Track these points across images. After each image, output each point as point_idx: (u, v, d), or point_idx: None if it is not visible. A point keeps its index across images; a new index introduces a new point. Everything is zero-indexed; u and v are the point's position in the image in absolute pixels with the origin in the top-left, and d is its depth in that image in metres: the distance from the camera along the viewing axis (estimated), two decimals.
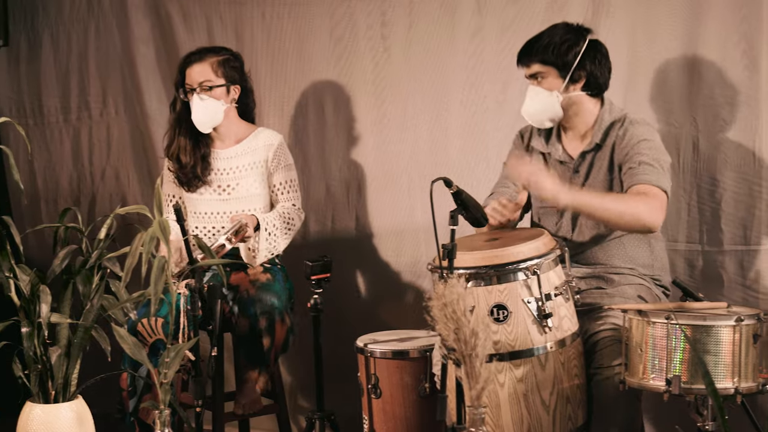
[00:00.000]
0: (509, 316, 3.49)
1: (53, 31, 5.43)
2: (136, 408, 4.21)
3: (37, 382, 3.55)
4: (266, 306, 4.24)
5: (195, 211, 4.50)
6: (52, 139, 5.51)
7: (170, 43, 5.12)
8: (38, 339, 3.52)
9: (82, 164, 5.45)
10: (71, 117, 5.45)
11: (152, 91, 5.19)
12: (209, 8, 5.03)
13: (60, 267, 3.58)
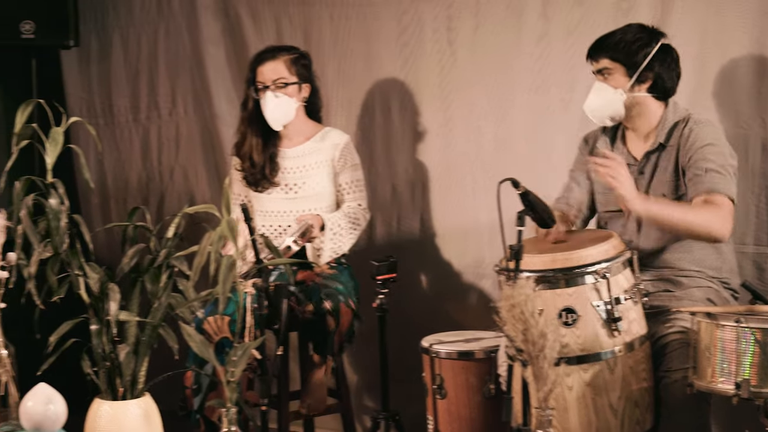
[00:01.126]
0: (578, 320, 3.46)
1: (123, 31, 5.48)
2: (202, 405, 4.23)
3: (106, 379, 3.57)
4: (331, 290, 4.25)
5: (261, 210, 4.53)
6: (122, 138, 5.56)
7: (239, 43, 5.15)
8: (107, 336, 3.54)
9: (151, 163, 5.50)
10: (141, 116, 5.50)
11: (221, 91, 5.22)
12: (278, 9, 5.05)
13: (128, 265, 3.61)
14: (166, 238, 3.64)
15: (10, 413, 3.61)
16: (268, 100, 4.42)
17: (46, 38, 5.32)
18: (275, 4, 5.06)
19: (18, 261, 3.52)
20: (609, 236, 3.64)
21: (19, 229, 3.47)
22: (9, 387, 3.60)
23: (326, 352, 4.33)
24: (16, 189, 3.46)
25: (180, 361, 3.69)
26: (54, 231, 3.49)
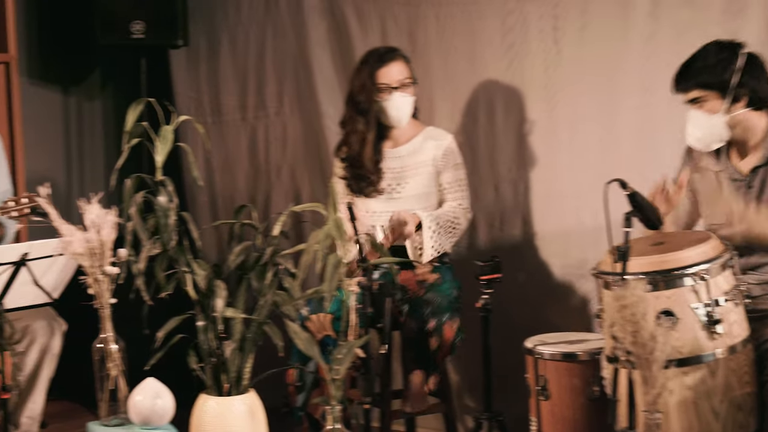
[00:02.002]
0: (677, 323, 3.42)
1: (232, 31, 5.55)
2: (305, 403, 4.26)
3: (212, 375, 3.61)
4: (435, 308, 4.25)
5: (364, 209, 4.54)
6: (230, 137, 5.62)
7: (345, 43, 5.17)
8: (213, 333, 3.59)
9: (258, 162, 5.55)
10: (248, 115, 5.56)
11: (326, 91, 5.25)
12: (383, 9, 5.06)
13: (235, 263, 3.65)
14: (272, 236, 3.67)
15: (119, 407, 3.67)
16: (396, 100, 4.44)
17: (156, 38, 5.41)
18: (380, 5, 5.07)
19: (128, 257, 3.58)
20: (707, 237, 3.58)
21: (129, 226, 3.53)
22: (118, 381, 3.66)
23: (429, 370, 4.34)
24: (126, 186, 3.52)
25: (284, 358, 3.72)
26: (163, 228, 3.54)
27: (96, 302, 3.65)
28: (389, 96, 4.44)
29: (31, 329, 4.25)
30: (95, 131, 6.09)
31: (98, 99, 6.08)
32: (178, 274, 3.60)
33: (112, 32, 5.38)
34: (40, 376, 4.30)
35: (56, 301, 4.05)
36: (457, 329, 4.28)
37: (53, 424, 5.03)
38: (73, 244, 3.57)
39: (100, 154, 6.12)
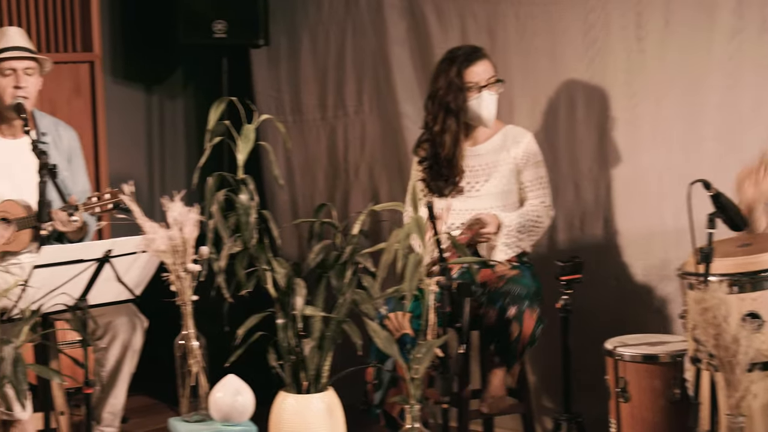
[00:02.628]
0: (763, 325, 3.37)
1: (312, 30, 5.57)
2: (382, 401, 4.27)
3: (291, 372, 3.63)
4: (515, 295, 4.23)
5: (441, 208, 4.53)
6: (310, 136, 5.65)
7: (424, 42, 5.17)
8: (292, 331, 3.60)
9: (338, 161, 5.57)
10: (328, 114, 5.58)
11: (405, 90, 5.25)
12: (463, 8, 5.05)
13: (314, 261, 3.66)
14: (351, 235, 3.68)
15: (200, 403, 3.70)
16: (486, 98, 4.43)
17: (238, 37, 5.45)
18: (460, 3, 5.06)
19: (209, 255, 3.61)
20: None
21: (211, 224, 3.56)
22: (199, 378, 3.70)
23: (509, 359, 4.32)
24: (208, 185, 3.55)
25: (362, 356, 3.73)
26: (244, 226, 3.57)
27: (178, 299, 3.69)
28: (478, 94, 4.43)
29: (114, 325, 4.30)
30: (177, 129, 6.15)
31: (180, 98, 6.14)
32: (258, 272, 3.63)
33: (194, 32, 5.43)
34: (122, 371, 4.34)
35: (138, 297, 4.09)
36: (537, 318, 4.25)
37: (134, 420, 5.09)
38: (156, 241, 3.61)
39: (181, 152, 6.18)
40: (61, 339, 4.61)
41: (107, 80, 5.71)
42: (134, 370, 4.39)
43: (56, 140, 4.63)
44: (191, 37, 5.46)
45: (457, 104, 4.44)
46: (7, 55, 4.42)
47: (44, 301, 3.77)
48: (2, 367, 3.46)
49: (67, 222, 4.29)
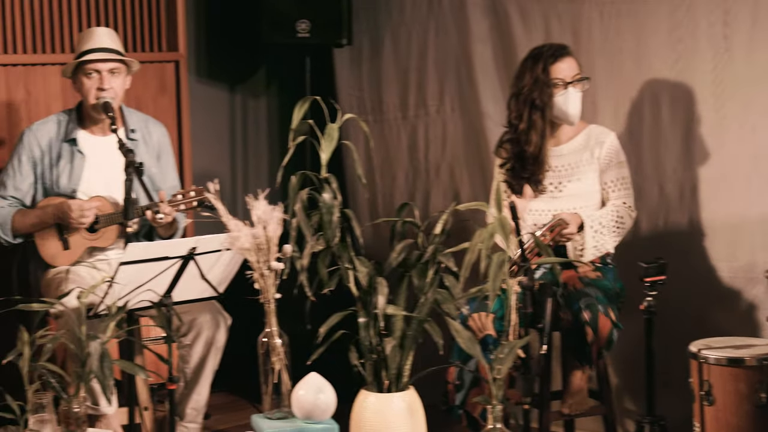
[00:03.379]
0: None
1: (395, 30, 5.58)
2: (464, 401, 4.27)
3: (372, 371, 3.64)
4: (590, 299, 4.20)
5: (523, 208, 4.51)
6: (390, 135, 5.66)
7: (507, 41, 5.15)
8: (374, 329, 3.61)
9: (418, 160, 5.57)
10: (409, 114, 5.58)
11: (488, 90, 5.23)
12: (547, 7, 5.02)
13: (396, 260, 3.66)
14: (433, 235, 3.67)
15: (282, 401, 3.72)
16: (572, 95, 4.40)
17: (321, 37, 5.47)
18: (544, 3, 5.03)
19: (292, 253, 3.63)
20: None
21: (294, 222, 3.58)
22: (282, 375, 3.72)
23: (584, 362, 4.29)
24: (291, 183, 3.57)
25: (444, 356, 3.73)
26: (326, 225, 3.58)
27: (261, 297, 3.71)
28: (564, 91, 4.41)
29: (197, 322, 4.34)
30: (260, 128, 6.20)
31: (263, 97, 6.19)
32: (340, 271, 3.64)
33: (278, 31, 5.47)
34: (205, 368, 4.39)
35: (222, 295, 4.13)
36: (613, 322, 4.21)
37: (216, 416, 5.14)
38: (240, 239, 3.64)
39: (263, 151, 6.23)
40: (145, 335, 4.67)
41: (192, 79, 5.77)
42: (217, 367, 4.44)
43: (146, 137, 4.69)
44: (275, 36, 5.49)
45: (542, 100, 4.42)
46: (89, 57, 4.49)
47: (130, 297, 3.82)
48: (89, 362, 3.52)
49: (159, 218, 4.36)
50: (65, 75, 4.57)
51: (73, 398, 3.55)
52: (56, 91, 5.18)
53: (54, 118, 4.66)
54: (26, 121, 5.02)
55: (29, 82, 5.11)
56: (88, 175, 4.59)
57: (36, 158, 4.59)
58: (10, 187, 4.57)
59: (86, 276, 4.41)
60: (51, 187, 4.57)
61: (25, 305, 3.66)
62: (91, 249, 4.56)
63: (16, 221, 4.51)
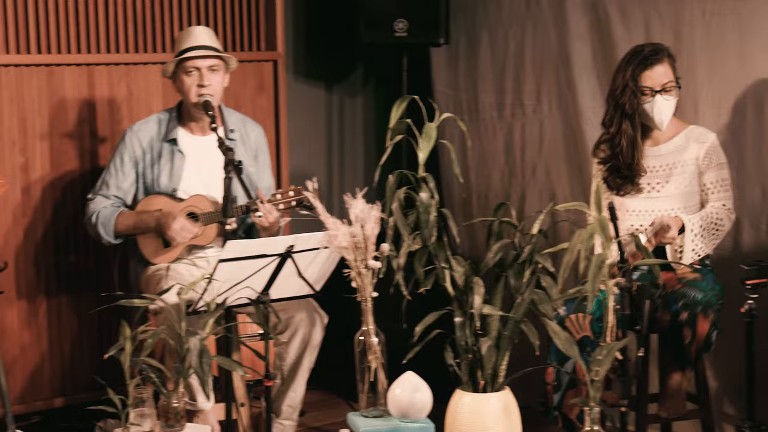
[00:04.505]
0: None
1: (492, 29, 5.57)
2: (560, 402, 4.24)
3: (467, 371, 3.63)
4: (689, 299, 4.15)
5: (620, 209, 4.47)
6: (486, 134, 5.64)
7: (606, 40, 5.10)
8: (470, 329, 3.61)
9: (514, 160, 5.55)
10: (505, 113, 5.56)
11: (586, 89, 5.19)
12: (648, 5, 4.96)
13: (493, 260, 3.65)
14: (530, 235, 3.66)
15: (378, 399, 3.74)
16: (659, 104, 4.35)
17: (418, 36, 5.48)
18: (645, 1, 4.97)
19: (389, 252, 3.64)
20: None
21: (391, 221, 3.59)
22: (378, 374, 3.73)
23: (683, 363, 4.24)
24: (389, 182, 3.58)
25: (539, 357, 3.71)
26: (423, 224, 3.58)
27: (358, 295, 3.73)
28: (651, 99, 4.36)
29: (294, 320, 4.37)
30: (356, 127, 6.22)
31: (360, 96, 6.21)
32: (436, 270, 3.64)
33: (375, 30, 5.48)
34: (302, 366, 4.42)
35: (318, 293, 4.15)
36: (711, 323, 4.16)
37: (311, 413, 5.17)
38: (338, 237, 3.66)
39: (359, 150, 6.25)
40: (241, 332, 4.72)
41: (289, 78, 5.81)
42: (313, 365, 4.46)
43: (243, 137, 4.74)
44: (372, 35, 5.51)
45: (631, 107, 4.38)
46: (189, 55, 4.55)
47: (228, 294, 3.86)
48: (188, 358, 3.56)
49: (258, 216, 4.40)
50: (165, 74, 4.63)
51: (172, 393, 3.60)
52: (157, 89, 5.25)
53: (155, 118, 4.72)
54: (128, 120, 5.11)
55: (131, 81, 5.20)
56: (187, 174, 4.65)
57: (137, 157, 4.66)
58: (113, 186, 4.64)
59: (185, 273, 4.46)
60: (152, 186, 4.64)
61: (126, 301, 3.72)
62: (190, 246, 4.61)
63: (119, 223, 4.59)
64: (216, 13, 5.42)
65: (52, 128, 5.01)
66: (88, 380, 5.13)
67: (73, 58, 5.04)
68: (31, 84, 4.95)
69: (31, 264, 4.99)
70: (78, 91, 5.07)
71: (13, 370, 4.96)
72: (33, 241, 4.99)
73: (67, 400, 5.13)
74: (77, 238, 5.08)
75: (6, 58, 4.86)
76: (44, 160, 5.00)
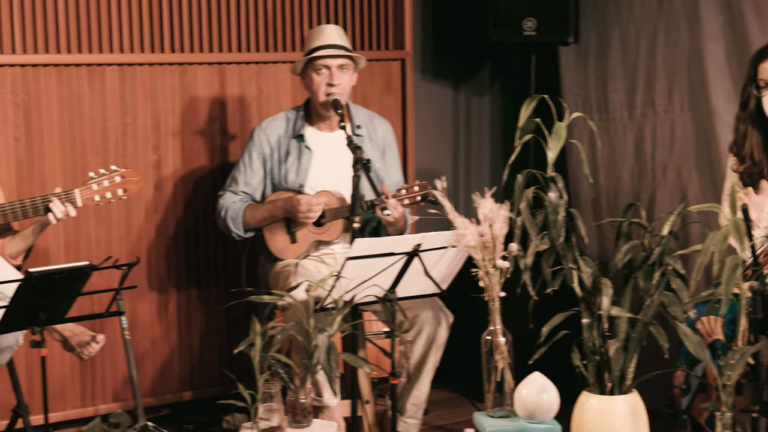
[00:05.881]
0: None
1: (623, 27, 5.50)
2: (690, 406, 4.17)
3: (594, 373, 3.60)
4: None
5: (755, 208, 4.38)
6: (616, 134, 5.58)
7: (741, 40, 5.00)
8: (597, 331, 3.57)
9: (644, 160, 5.48)
10: (636, 113, 5.49)
11: (719, 89, 5.09)
12: None
13: (622, 261, 3.62)
14: (660, 236, 3.61)
15: (504, 399, 3.73)
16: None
17: (547, 35, 5.44)
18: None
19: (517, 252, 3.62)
20: None
21: (519, 221, 3.58)
22: (505, 374, 3.72)
23: None
24: (517, 182, 3.56)
25: (668, 360, 3.65)
26: (551, 224, 3.56)
27: (485, 295, 3.72)
28: (765, 92, 4.26)
29: (420, 319, 4.38)
30: (482, 127, 6.21)
31: (487, 95, 6.20)
32: (564, 271, 3.62)
33: (504, 29, 5.46)
34: (427, 365, 4.42)
35: (444, 292, 4.15)
36: None
37: (434, 412, 5.18)
38: (466, 236, 3.66)
39: (486, 149, 6.24)
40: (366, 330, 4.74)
41: (416, 77, 5.83)
42: (437, 364, 4.46)
43: (371, 133, 4.77)
44: (501, 34, 5.49)
45: (746, 98, 4.30)
46: (319, 53, 4.58)
47: (356, 291, 3.88)
48: (316, 354, 3.60)
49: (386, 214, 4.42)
50: (295, 72, 4.68)
51: (300, 389, 3.64)
52: (286, 88, 5.31)
53: (282, 115, 4.78)
54: (257, 118, 5.18)
55: (261, 79, 5.26)
56: (314, 171, 4.69)
57: (266, 155, 4.72)
58: (242, 183, 4.71)
59: (312, 270, 4.51)
60: (279, 183, 4.70)
61: (256, 297, 3.77)
62: (317, 243, 4.65)
63: (247, 215, 4.65)
64: (345, 12, 5.46)
65: (183, 126, 5.11)
66: (216, 374, 5.22)
67: (205, 57, 5.13)
68: (165, 82, 5.05)
69: (162, 259, 5.10)
70: (209, 90, 5.15)
71: (143, 363, 5.07)
72: (164, 236, 5.09)
73: (195, 394, 5.22)
74: (207, 234, 5.17)
75: (140, 57, 4.97)
76: (176, 157, 5.10)
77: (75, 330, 4.17)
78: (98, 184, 4.21)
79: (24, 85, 4.74)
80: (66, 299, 3.82)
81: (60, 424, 4.90)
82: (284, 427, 3.62)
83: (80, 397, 4.96)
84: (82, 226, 4.90)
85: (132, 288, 4.11)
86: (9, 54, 4.70)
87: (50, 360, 4.71)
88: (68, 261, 4.77)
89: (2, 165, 4.70)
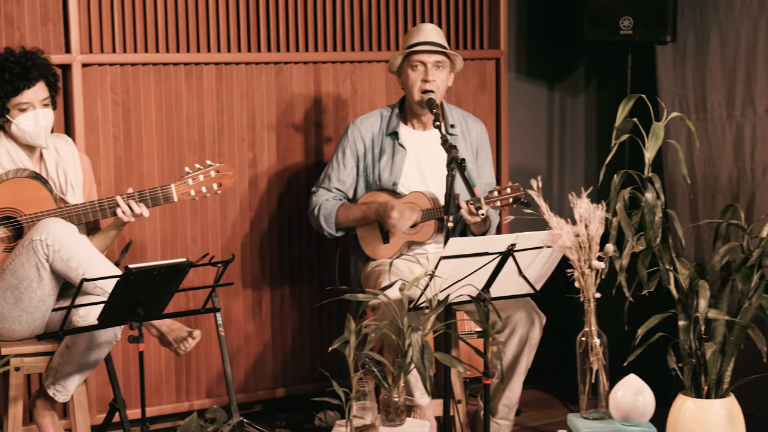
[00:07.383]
0: None
1: (722, 26, 5.42)
2: None
3: (690, 375, 3.57)
4: None
5: None
6: (714, 134, 5.50)
7: None
8: (694, 333, 3.54)
9: (743, 160, 5.39)
10: (735, 113, 5.41)
11: None
12: None
13: (720, 263, 3.58)
14: (759, 238, 3.56)
15: (599, 401, 3.70)
16: None
17: (644, 34, 5.39)
18: None
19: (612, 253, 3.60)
20: None
21: (615, 222, 3.55)
22: (600, 375, 3.69)
23: None
24: (614, 182, 3.54)
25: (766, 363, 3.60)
26: (648, 225, 3.53)
27: (581, 296, 3.69)
28: None
29: (513, 319, 4.36)
30: (577, 126, 6.17)
31: (582, 94, 6.15)
32: (660, 272, 3.58)
33: (600, 28, 5.43)
34: (519, 365, 4.40)
35: (538, 292, 4.13)
36: None
37: (527, 412, 5.15)
38: (562, 237, 3.64)
39: (580, 149, 6.20)
40: (458, 329, 4.74)
41: (511, 77, 5.81)
42: (530, 365, 4.44)
43: (464, 133, 4.76)
44: (597, 33, 5.45)
45: None
46: (416, 49, 4.59)
47: (449, 291, 3.88)
48: (410, 353, 3.60)
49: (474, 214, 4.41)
50: (391, 68, 4.69)
51: (393, 388, 3.65)
52: (381, 87, 5.33)
53: (377, 113, 4.79)
54: (351, 117, 5.20)
55: (355, 78, 5.29)
56: (407, 169, 4.70)
57: (359, 153, 4.74)
58: (335, 180, 4.74)
59: (404, 269, 4.51)
60: (373, 182, 4.71)
61: (350, 295, 3.78)
62: (409, 243, 4.66)
63: (340, 216, 4.67)
64: (440, 12, 5.46)
65: (279, 124, 5.15)
66: (308, 372, 5.25)
67: (300, 57, 5.16)
68: (261, 81, 5.10)
69: (256, 256, 5.14)
70: (305, 88, 5.19)
71: (237, 359, 5.12)
72: (259, 233, 5.14)
73: (287, 391, 5.26)
74: (300, 231, 5.21)
75: (237, 56, 5.02)
76: (271, 155, 5.14)
77: (172, 326, 4.22)
78: (194, 178, 4.25)
79: (123, 84, 4.82)
80: (164, 295, 3.87)
81: (155, 419, 4.97)
82: (377, 425, 3.63)
83: (175, 392, 5.03)
84: (179, 222, 4.96)
85: (227, 285, 4.15)
86: (109, 53, 4.78)
87: (146, 355, 4.79)
88: (164, 257, 4.84)
89: (101, 163, 4.78)
